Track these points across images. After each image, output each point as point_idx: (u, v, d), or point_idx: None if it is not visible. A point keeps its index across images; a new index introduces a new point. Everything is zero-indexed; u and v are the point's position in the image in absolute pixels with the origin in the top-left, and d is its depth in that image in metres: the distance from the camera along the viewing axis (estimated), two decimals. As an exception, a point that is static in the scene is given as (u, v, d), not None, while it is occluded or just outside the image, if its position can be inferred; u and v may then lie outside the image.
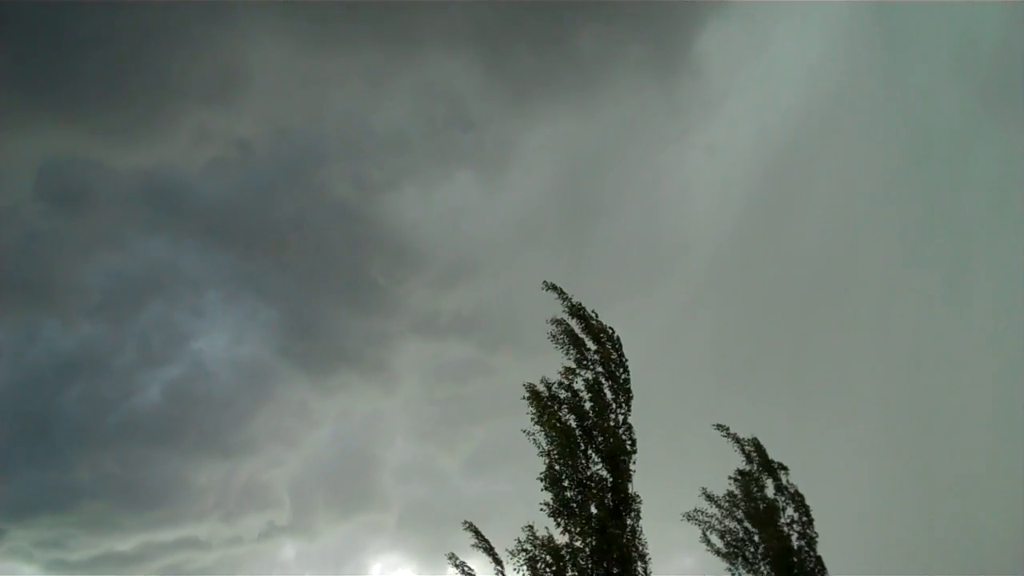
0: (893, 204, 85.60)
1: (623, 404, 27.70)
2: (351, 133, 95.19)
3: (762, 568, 31.86)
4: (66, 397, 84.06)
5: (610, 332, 28.59)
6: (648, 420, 28.45)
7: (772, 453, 34.08)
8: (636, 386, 28.09)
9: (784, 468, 34.18)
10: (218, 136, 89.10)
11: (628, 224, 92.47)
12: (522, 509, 26.43)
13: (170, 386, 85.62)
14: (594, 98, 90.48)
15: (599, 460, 26.56)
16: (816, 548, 32.75)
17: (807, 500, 33.48)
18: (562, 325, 28.37)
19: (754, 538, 32.31)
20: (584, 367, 27.75)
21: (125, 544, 79.32)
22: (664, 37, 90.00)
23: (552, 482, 26.04)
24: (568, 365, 27.80)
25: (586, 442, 26.68)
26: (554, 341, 28.20)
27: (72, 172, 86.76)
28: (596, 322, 28.59)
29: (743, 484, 33.29)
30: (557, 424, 26.46)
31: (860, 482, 62.65)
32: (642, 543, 26.13)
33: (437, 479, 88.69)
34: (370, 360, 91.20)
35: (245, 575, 79.66)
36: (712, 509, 32.87)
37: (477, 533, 25.51)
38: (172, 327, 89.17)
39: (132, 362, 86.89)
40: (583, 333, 28.38)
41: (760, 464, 33.87)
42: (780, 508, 33.16)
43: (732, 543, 32.28)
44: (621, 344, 28.56)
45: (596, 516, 25.84)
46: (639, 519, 26.41)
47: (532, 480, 26.34)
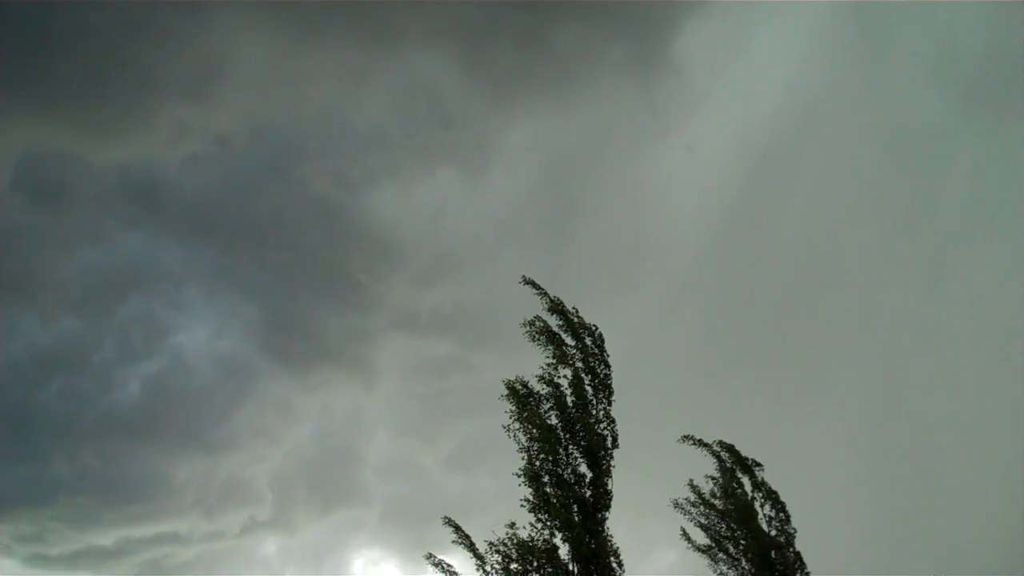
0: (874, 204, 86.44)
1: (604, 400, 27.66)
2: (331, 130, 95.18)
3: (743, 564, 31.98)
4: (45, 392, 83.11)
5: (592, 328, 28.57)
6: (629, 417, 28.45)
7: (753, 449, 34.23)
8: (617, 383, 28.15)
9: (759, 465, 34.33)
10: (197, 132, 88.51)
11: (609, 222, 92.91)
12: (503, 504, 26.54)
13: (150, 381, 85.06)
14: (574, 97, 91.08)
15: (579, 455, 26.52)
16: (795, 544, 32.95)
17: (788, 495, 33.71)
18: (540, 323, 28.25)
19: (735, 534, 32.38)
20: (564, 363, 27.62)
21: (105, 539, 78.90)
22: (643, 36, 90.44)
23: (531, 478, 26.03)
24: (548, 361, 27.66)
25: (567, 437, 26.65)
26: (532, 340, 28.09)
27: (51, 166, 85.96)
28: (576, 318, 28.50)
29: (722, 482, 33.40)
30: (537, 420, 26.41)
31: (841, 477, 63.11)
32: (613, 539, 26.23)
33: (418, 475, 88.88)
34: (351, 356, 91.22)
35: (226, 571, 78.90)
36: (696, 501, 32.89)
37: (457, 529, 25.56)
38: (152, 322, 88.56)
39: (111, 357, 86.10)
40: (562, 330, 28.26)
41: (734, 464, 34.00)
42: (758, 505, 33.35)
43: (714, 538, 32.35)
44: (603, 340, 28.53)
45: (577, 512, 25.92)
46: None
47: (513, 475, 26.32)
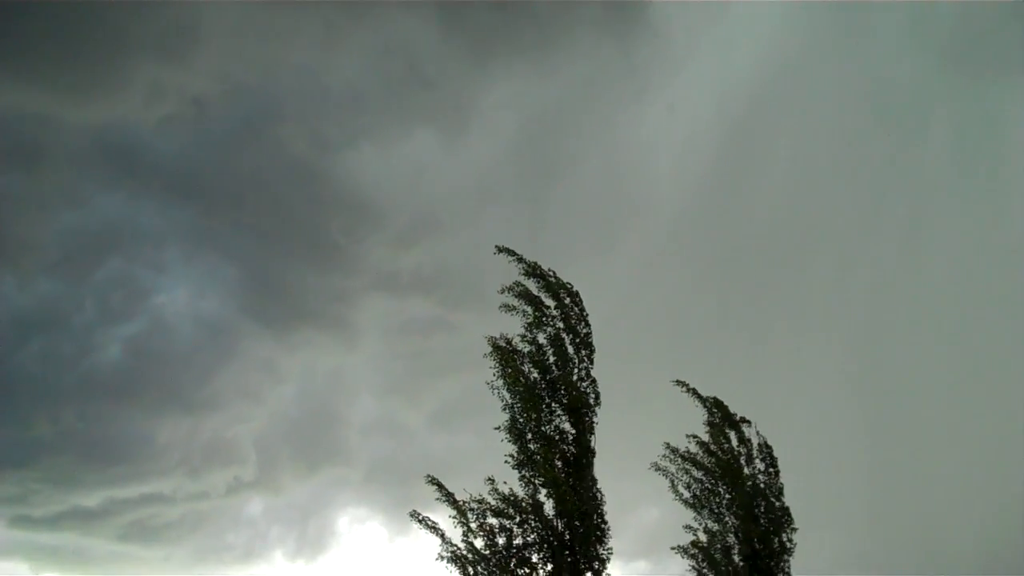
0: (852, 166, 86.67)
1: (585, 358, 27.74)
2: (308, 91, 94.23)
3: (727, 518, 31.90)
4: (25, 354, 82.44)
5: (569, 287, 28.52)
6: (610, 376, 28.36)
7: (740, 403, 34.47)
8: (597, 342, 28.18)
9: (747, 421, 34.29)
10: (173, 93, 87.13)
11: (588, 182, 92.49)
12: (487, 462, 26.55)
13: (130, 342, 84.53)
14: (553, 56, 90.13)
15: (562, 413, 26.61)
16: (783, 498, 32.97)
17: (777, 447, 33.73)
18: (518, 288, 28.12)
19: (719, 489, 32.29)
20: (544, 324, 27.62)
21: (89, 500, 78.72)
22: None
23: (515, 435, 26.12)
24: (529, 322, 27.68)
25: (549, 395, 26.70)
26: (507, 310, 27.96)
27: (25, 127, 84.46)
28: (555, 279, 28.46)
29: (711, 436, 33.29)
30: (520, 378, 26.42)
31: (821, 436, 63.49)
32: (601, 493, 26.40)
33: (402, 434, 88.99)
34: (332, 317, 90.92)
35: (212, 530, 79.07)
36: (677, 461, 32.73)
37: (440, 487, 25.51)
38: (132, 283, 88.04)
39: (91, 319, 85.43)
40: (541, 292, 28.19)
41: (722, 418, 33.92)
42: (744, 460, 33.28)
43: (699, 493, 32.23)
44: (581, 299, 28.51)
45: (560, 468, 25.83)
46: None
47: (496, 434, 26.41)
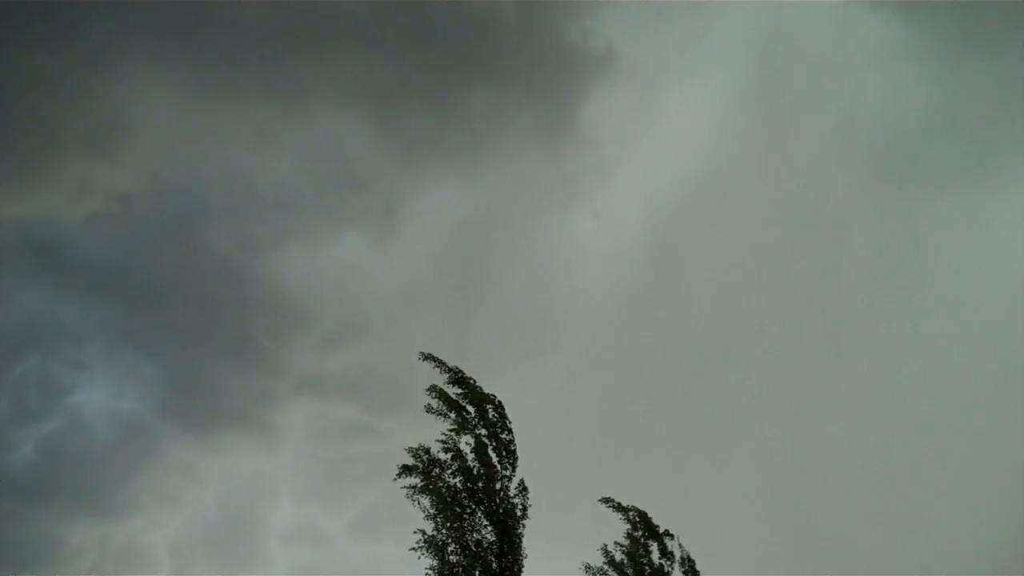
0: (777, 277, 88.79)
1: (509, 466, 27.29)
2: (236, 190, 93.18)
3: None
4: (-66, 452, 79.01)
5: (491, 397, 28.10)
6: (534, 485, 28.07)
7: (664, 513, 34.17)
8: (523, 450, 27.73)
9: (670, 535, 34.28)
10: (99, 189, 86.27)
11: (518, 288, 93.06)
12: (408, 572, 25.79)
13: (44, 442, 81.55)
14: (484, 162, 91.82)
15: (487, 523, 26.00)
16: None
17: (700, 558, 33.62)
18: (439, 393, 27.66)
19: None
20: (466, 430, 27.15)
21: None
22: (552, 103, 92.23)
23: (435, 548, 25.37)
24: (451, 428, 27.18)
25: (474, 505, 26.11)
26: (430, 411, 27.49)
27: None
28: (477, 388, 28.04)
29: (630, 549, 33.16)
30: (442, 488, 25.86)
31: (743, 546, 63.47)
32: None
33: (323, 542, 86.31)
34: (255, 420, 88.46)
35: None
36: (605, 567, 32.48)
37: None
38: (50, 381, 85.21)
39: (5, 417, 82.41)
40: (462, 399, 27.78)
41: (645, 530, 33.88)
42: (667, 573, 33.18)
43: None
44: (503, 408, 28.13)
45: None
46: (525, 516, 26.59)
47: (411, 551, 25.62)
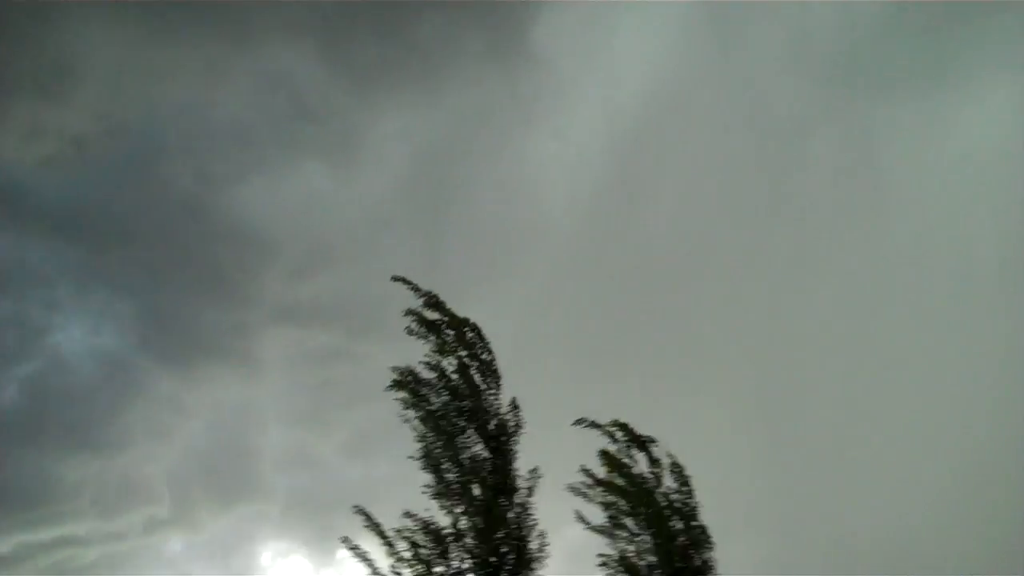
0: (738, 188, 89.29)
1: (494, 385, 27.44)
2: (191, 127, 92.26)
3: (645, 538, 31.81)
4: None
5: (467, 320, 28.14)
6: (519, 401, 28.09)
7: (646, 427, 34.18)
8: (502, 369, 27.73)
9: (653, 441, 34.27)
10: (51, 132, 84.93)
11: (482, 209, 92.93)
12: (405, 489, 26.02)
13: (27, 382, 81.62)
14: (439, 88, 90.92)
15: (479, 440, 26.29)
16: (699, 516, 33.09)
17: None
18: (418, 317, 27.77)
19: (635, 510, 32.15)
20: (447, 352, 27.41)
21: (2, 546, 75.37)
22: (500, 28, 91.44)
23: (431, 464, 25.82)
24: (432, 351, 27.51)
25: (465, 422, 26.41)
26: (411, 333, 27.60)
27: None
28: (452, 312, 28.07)
29: (609, 464, 33.22)
30: (429, 407, 26.33)
31: (726, 450, 64.78)
32: (533, 520, 26.26)
33: (316, 465, 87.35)
34: (234, 351, 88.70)
35: (131, 570, 76.03)
36: (592, 484, 32.54)
37: (367, 516, 25.13)
38: (24, 323, 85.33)
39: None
40: (441, 325, 27.83)
41: (629, 442, 33.91)
42: (655, 481, 33.30)
43: (614, 516, 32.05)
44: (480, 329, 28.18)
45: (478, 497, 25.63)
46: (531, 495, 26.56)
47: (413, 461, 26.09)
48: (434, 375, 26.95)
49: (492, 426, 26.52)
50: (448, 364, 27.23)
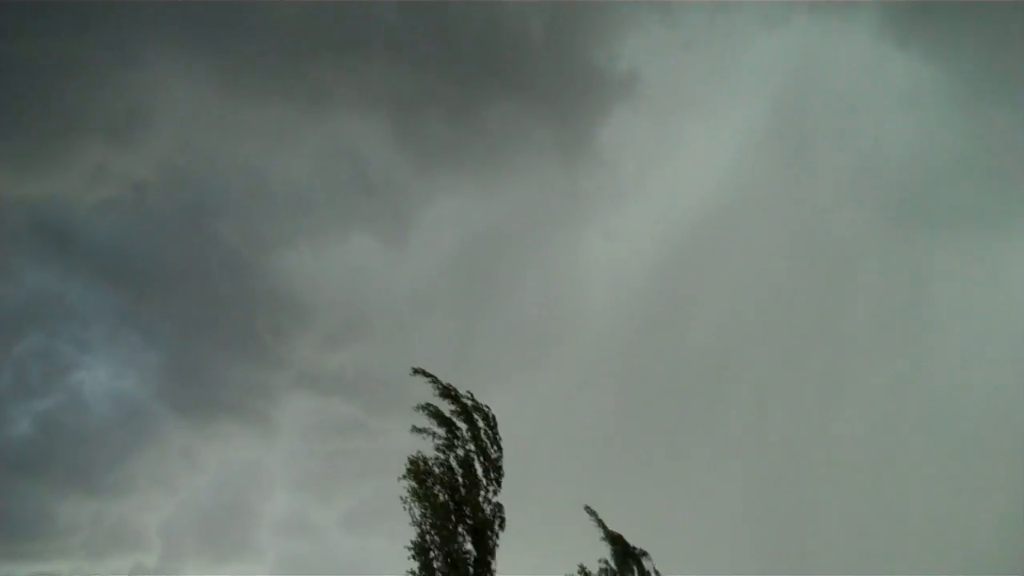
0: (780, 310, 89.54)
1: (494, 481, 29.28)
2: (250, 186, 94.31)
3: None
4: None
5: (485, 410, 29.98)
6: (525, 495, 29.99)
7: (643, 534, 35.78)
8: (515, 462, 29.67)
9: (645, 554, 36.15)
10: (115, 175, 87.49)
11: (523, 301, 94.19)
12: (395, 566, 27.84)
13: (42, 417, 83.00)
14: (499, 174, 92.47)
15: (466, 533, 28.18)
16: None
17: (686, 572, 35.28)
18: (431, 408, 29.53)
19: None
20: (455, 447, 29.13)
21: None
22: (571, 122, 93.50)
23: (420, 552, 27.64)
24: (441, 444, 29.27)
25: (457, 516, 28.27)
26: (419, 432, 29.32)
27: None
28: (471, 401, 29.89)
29: (617, 569, 34.87)
30: (431, 498, 28.08)
31: (729, 563, 65.04)
32: None
33: (314, 533, 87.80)
34: (252, 411, 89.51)
35: None
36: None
37: None
38: (52, 358, 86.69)
39: (6, 391, 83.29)
40: (455, 415, 29.60)
41: (622, 552, 35.64)
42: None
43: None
44: (495, 422, 29.99)
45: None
46: None
47: (405, 540, 27.98)
48: (441, 469, 28.79)
49: (478, 520, 28.37)
50: (454, 459, 29.07)
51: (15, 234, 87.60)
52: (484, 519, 28.44)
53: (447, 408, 29.86)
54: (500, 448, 29.90)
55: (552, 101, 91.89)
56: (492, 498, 29.22)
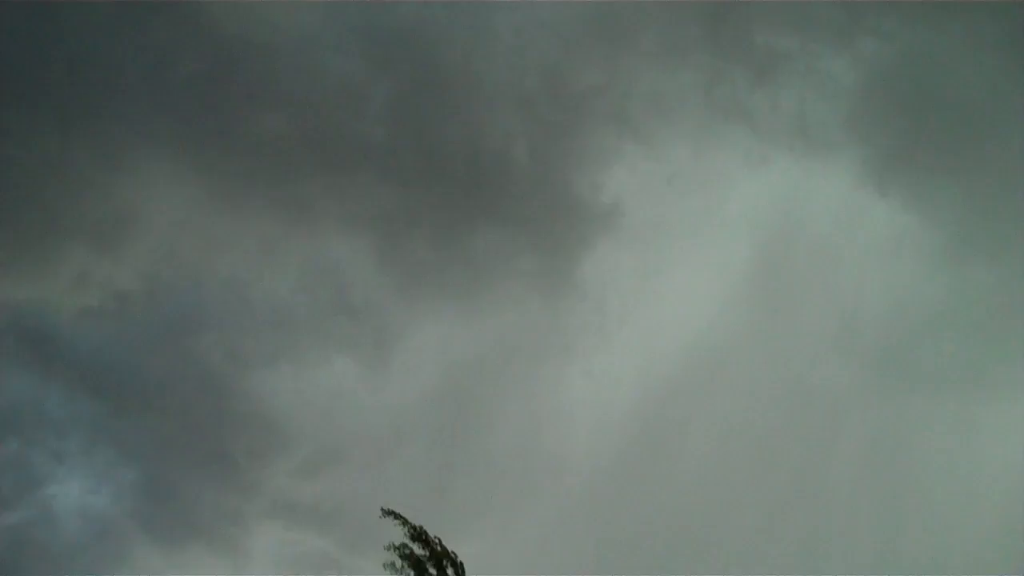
0: (764, 461, 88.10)
1: None
2: (232, 302, 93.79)
3: None
4: None
5: (453, 557, 29.39)
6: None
7: None
8: None
9: None
10: (97, 284, 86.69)
11: (503, 436, 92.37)
12: None
13: (10, 531, 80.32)
14: (481, 302, 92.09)
15: None
16: None
17: None
18: (404, 549, 28.99)
19: None
20: None
21: None
22: (554, 255, 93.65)
23: None
24: None
25: None
26: (390, 569, 28.83)
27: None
28: (440, 547, 29.37)
29: None
30: None
31: None
32: None
33: None
34: (224, 538, 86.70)
35: None
36: None
37: None
38: (26, 469, 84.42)
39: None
40: (425, 559, 29.00)
41: None
42: None
43: None
44: (464, 570, 29.38)
45: None
46: None
47: None
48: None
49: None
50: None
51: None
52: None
53: (419, 551, 29.37)
54: (469, 595, 29.34)
55: (535, 229, 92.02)
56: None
